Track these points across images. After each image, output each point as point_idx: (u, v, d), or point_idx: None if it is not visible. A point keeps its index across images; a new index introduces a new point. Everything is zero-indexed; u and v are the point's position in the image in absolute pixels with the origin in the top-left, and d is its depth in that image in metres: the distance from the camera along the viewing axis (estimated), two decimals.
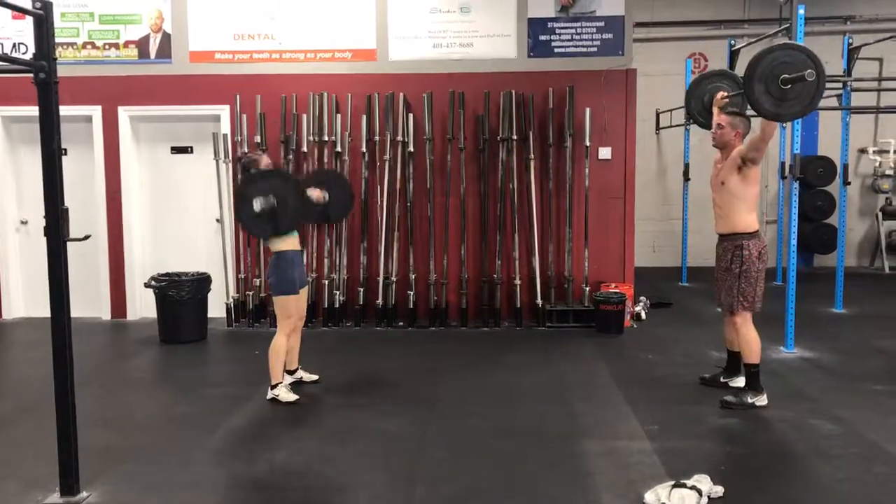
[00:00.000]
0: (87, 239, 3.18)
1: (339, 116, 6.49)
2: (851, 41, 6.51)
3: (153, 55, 6.69)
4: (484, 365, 5.25)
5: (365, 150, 6.48)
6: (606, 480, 3.24)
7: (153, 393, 4.94)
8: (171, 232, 6.98)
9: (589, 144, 6.41)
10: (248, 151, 6.44)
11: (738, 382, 4.44)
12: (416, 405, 4.35)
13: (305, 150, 6.50)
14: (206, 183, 6.71)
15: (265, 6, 6.59)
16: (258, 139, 6.52)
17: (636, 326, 6.44)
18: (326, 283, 6.50)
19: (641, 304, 6.75)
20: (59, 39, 6.35)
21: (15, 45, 6.71)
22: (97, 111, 6.75)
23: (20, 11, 2.86)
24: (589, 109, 6.37)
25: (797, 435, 3.79)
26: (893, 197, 9.92)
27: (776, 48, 3.78)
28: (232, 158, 6.58)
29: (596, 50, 6.51)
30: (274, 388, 4.41)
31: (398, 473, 3.38)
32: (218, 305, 6.55)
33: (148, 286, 6.03)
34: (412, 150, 6.44)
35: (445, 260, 6.52)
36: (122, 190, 6.79)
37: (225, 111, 6.65)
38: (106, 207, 6.80)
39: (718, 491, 3.04)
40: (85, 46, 6.73)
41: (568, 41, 6.53)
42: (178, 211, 6.97)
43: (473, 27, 6.55)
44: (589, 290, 6.45)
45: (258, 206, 4.14)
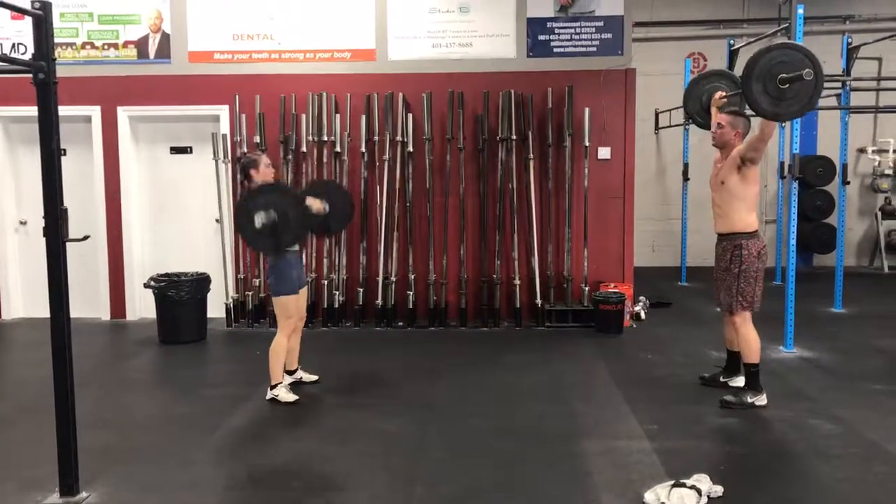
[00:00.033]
0: (86, 239, 3.18)
1: (338, 116, 6.49)
2: (850, 41, 6.52)
3: (152, 55, 6.69)
4: (483, 365, 5.25)
5: (364, 150, 6.48)
6: (606, 480, 3.24)
7: (153, 393, 4.94)
8: (170, 232, 6.98)
9: (588, 144, 6.42)
10: (247, 152, 6.44)
11: (737, 382, 4.44)
12: (415, 405, 4.35)
13: (305, 150, 6.50)
14: (205, 183, 6.71)
15: (264, 6, 6.59)
16: (257, 139, 6.52)
17: (635, 326, 6.44)
18: (326, 283, 6.50)
19: (641, 303, 6.75)
20: (58, 40, 6.34)
21: (14, 45, 6.71)
22: (96, 111, 6.75)
23: (19, 12, 2.85)
24: (588, 109, 6.37)
25: (796, 434, 3.79)
26: (892, 196, 9.92)
27: (774, 48, 3.77)
28: (231, 158, 6.58)
29: (595, 50, 6.52)
30: (273, 388, 4.41)
31: (398, 473, 3.38)
32: (217, 306, 6.55)
33: (147, 286, 6.04)
34: (411, 150, 6.44)
35: (445, 260, 6.53)
36: (121, 190, 6.79)
37: (224, 111, 6.65)
38: (105, 208, 6.80)
39: (718, 490, 3.04)
40: (84, 47, 6.73)
41: (567, 41, 6.53)
42: (177, 211, 6.97)
43: (472, 27, 6.55)
44: (588, 289, 6.46)
45: (259, 221, 4.11)
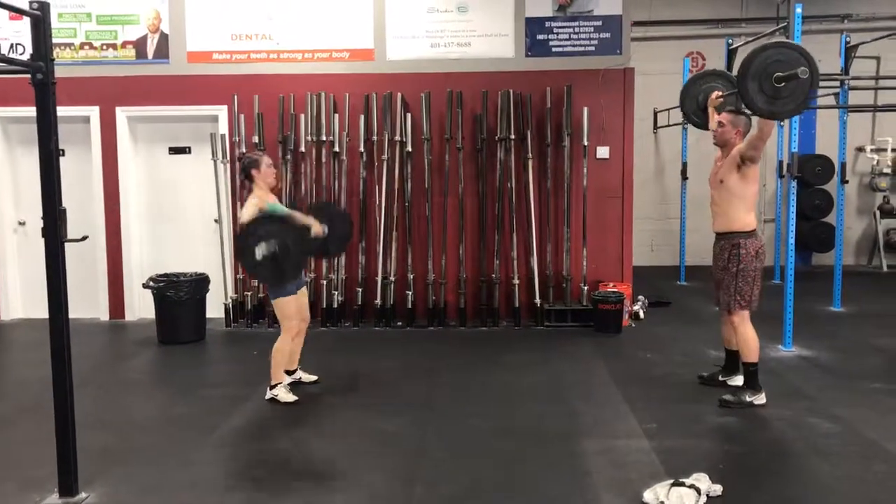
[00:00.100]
0: (85, 240, 3.18)
1: (336, 116, 6.48)
2: (849, 40, 6.52)
3: (151, 56, 6.68)
4: (483, 364, 5.25)
5: (363, 149, 6.48)
6: (605, 479, 3.24)
7: (152, 394, 4.94)
8: (169, 232, 6.98)
9: (587, 144, 6.42)
10: (246, 151, 6.44)
11: (736, 381, 4.45)
12: (415, 405, 4.35)
13: (303, 150, 6.50)
14: (204, 183, 6.71)
15: (263, 6, 6.58)
16: (256, 139, 6.52)
17: (634, 326, 6.44)
18: (325, 283, 6.50)
19: (640, 303, 6.75)
20: (56, 40, 6.32)
21: (12, 45, 6.71)
22: (95, 112, 6.75)
23: (17, 12, 2.85)
24: (587, 109, 6.37)
25: (795, 433, 3.80)
26: (891, 195, 9.93)
27: (769, 46, 3.77)
28: (230, 159, 6.58)
29: (594, 49, 6.52)
30: (273, 388, 4.41)
31: (397, 473, 3.38)
32: (216, 306, 6.55)
33: (146, 287, 6.03)
34: (410, 149, 6.44)
35: (444, 260, 6.53)
36: (119, 190, 6.79)
37: (223, 111, 6.65)
38: (104, 208, 6.80)
39: (717, 490, 3.04)
40: (82, 47, 6.72)
41: (566, 40, 6.53)
42: (176, 211, 6.96)
43: (471, 27, 6.55)
44: (587, 289, 6.46)
45: (260, 253, 4.07)
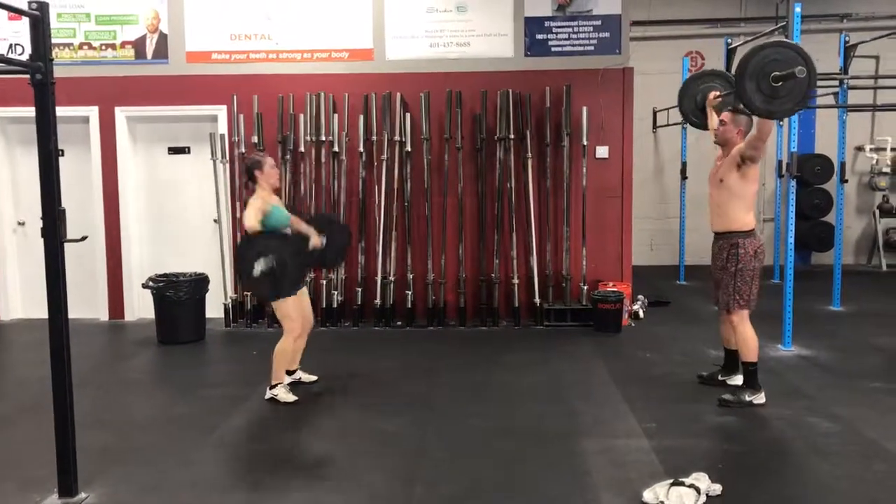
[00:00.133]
0: (84, 240, 3.17)
1: (336, 116, 6.48)
2: (848, 39, 6.52)
3: (150, 56, 6.68)
4: (482, 364, 5.25)
5: (362, 149, 6.48)
6: (605, 479, 3.25)
7: (151, 393, 4.94)
8: (168, 232, 6.98)
9: (586, 143, 6.42)
10: (244, 151, 6.45)
11: (735, 380, 4.45)
12: (414, 405, 4.35)
13: (303, 150, 6.50)
14: (203, 183, 6.71)
15: (262, 6, 6.58)
16: (255, 139, 6.52)
17: (634, 325, 6.45)
18: (324, 283, 6.49)
19: (639, 302, 6.75)
20: (55, 40, 6.34)
21: (11, 45, 6.70)
22: (94, 112, 6.74)
23: (16, 12, 2.85)
24: (586, 108, 6.37)
25: (795, 433, 3.80)
26: (890, 194, 9.94)
27: (766, 46, 3.77)
28: (229, 159, 6.58)
29: (593, 49, 6.52)
30: (273, 387, 4.41)
31: (397, 473, 3.38)
32: (216, 306, 6.55)
33: (146, 287, 6.03)
34: (409, 149, 6.44)
35: (443, 259, 6.53)
36: (119, 191, 6.78)
37: (222, 111, 6.65)
38: (103, 208, 6.79)
39: (716, 489, 3.04)
40: (81, 47, 6.72)
41: (565, 40, 6.53)
42: (175, 211, 6.96)
43: (470, 26, 6.55)
44: (587, 288, 6.46)
45: (258, 269, 4.04)
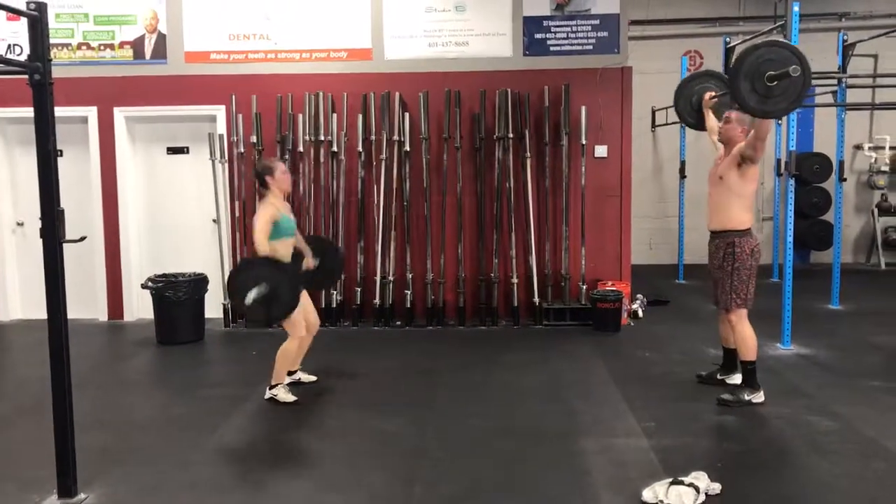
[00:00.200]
0: (83, 240, 3.17)
1: (335, 116, 6.48)
2: (846, 38, 6.51)
3: (148, 56, 6.68)
4: (482, 364, 5.25)
5: (361, 149, 6.48)
6: (604, 478, 3.25)
7: (151, 394, 4.94)
8: (167, 233, 6.97)
9: (585, 142, 6.42)
10: (243, 151, 6.44)
11: (734, 379, 4.45)
12: (414, 405, 4.35)
13: (301, 149, 6.50)
14: (202, 183, 6.70)
15: (260, 6, 6.58)
16: (254, 139, 6.52)
17: (633, 324, 6.45)
18: None
19: (638, 301, 6.76)
20: (53, 40, 6.34)
21: (10, 46, 6.69)
22: (93, 112, 6.74)
23: (14, 13, 2.84)
24: (585, 107, 6.37)
25: (794, 431, 3.80)
26: (889, 193, 9.94)
27: (761, 45, 3.77)
28: (228, 159, 6.58)
29: (591, 48, 6.52)
30: (273, 387, 4.40)
31: (397, 473, 3.38)
32: (215, 306, 6.55)
33: (145, 287, 6.02)
34: (408, 149, 6.44)
35: (442, 259, 6.53)
36: (118, 191, 6.78)
37: (221, 111, 6.64)
38: (102, 208, 6.79)
39: (716, 488, 3.05)
40: (80, 47, 6.71)
41: (563, 39, 6.53)
42: (174, 212, 6.96)
43: (469, 26, 6.54)
44: (586, 288, 6.46)
45: (250, 298, 3.96)
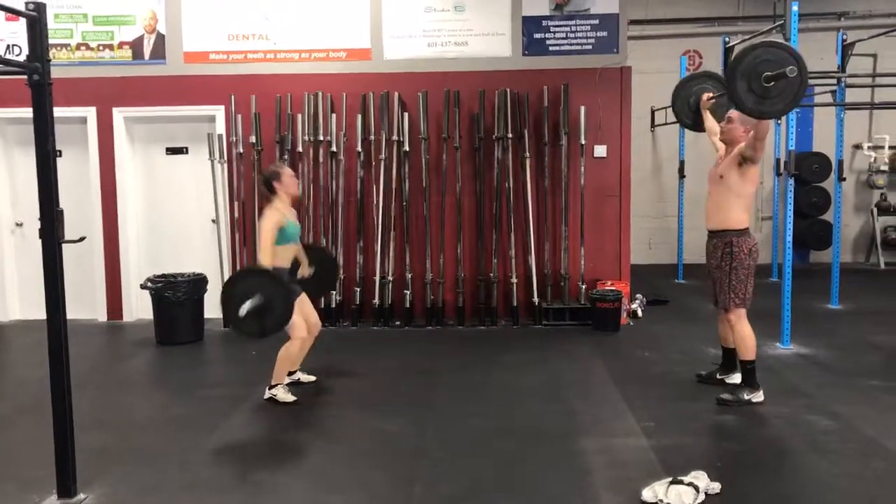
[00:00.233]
0: (82, 241, 3.17)
1: (334, 116, 6.48)
2: (845, 37, 6.52)
3: (147, 56, 6.67)
4: (481, 364, 5.25)
5: (360, 149, 6.47)
6: (604, 478, 3.25)
7: (150, 394, 4.94)
8: (166, 233, 6.97)
9: (584, 142, 6.42)
10: (242, 151, 6.43)
11: (734, 379, 4.45)
12: (414, 405, 4.35)
13: (301, 150, 6.50)
14: (201, 183, 6.70)
15: (259, 6, 6.58)
16: (253, 139, 6.51)
17: (632, 324, 6.45)
18: None
19: (637, 301, 6.76)
20: (52, 41, 6.33)
21: (9, 46, 6.69)
22: (92, 112, 6.73)
23: (13, 13, 2.84)
24: (584, 107, 6.37)
25: (794, 431, 3.80)
26: (888, 192, 9.94)
27: (758, 46, 3.78)
28: (227, 159, 6.58)
29: (591, 48, 6.52)
30: (273, 388, 4.40)
31: (397, 473, 3.38)
32: (214, 306, 6.51)
33: (144, 287, 6.02)
34: (407, 149, 6.44)
35: (442, 259, 6.52)
36: (117, 191, 6.78)
37: (220, 112, 6.64)
38: (101, 209, 6.79)
39: (715, 487, 3.05)
40: (79, 48, 6.71)
41: (562, 39, 6.53)
42: (173, 212, 6.95)
43: (468, 26, 6.55)
44: (585, 287, 6.46)
45: (244, 310, 3.93)
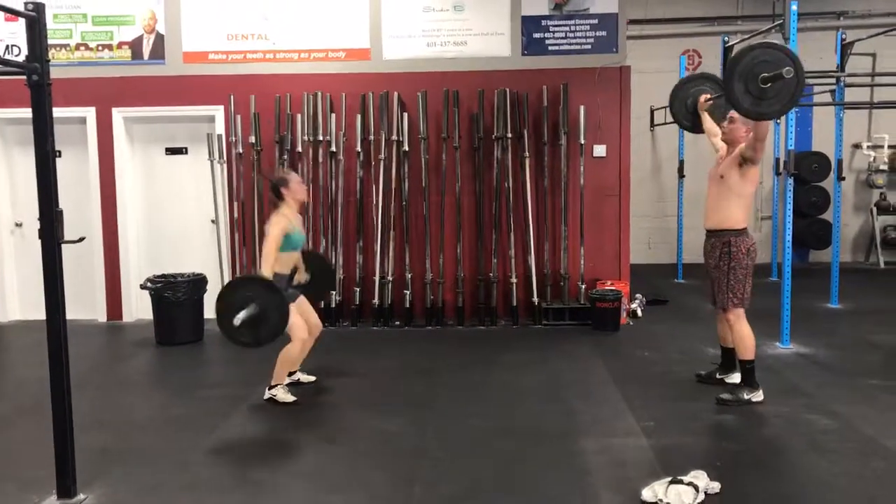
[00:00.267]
0: (81, 241, 3.17)
1: (333, 116, 6.48)
2: (845, 37, 6.52)
3: (147, 56, 6.67)
4: (481, 364, 5.25)
5: (360, 149, 6.47)
6: (604, 478, 3.25)
7: (150, 394, 4.94)
8: (166, 233, 6.97)
9: (584, 142, 6.42)
10: (242, 152, 6.43)
11: (733, 378, 4.45)
12: (413, 405, 4.35)
13: (300, 150, 6.50)
14: (200, 184, 6.71)
15: (258, 6, 6.58)
16: (253, 139, 6.51)
17: (632, 324, 6.45)
18: None
19: (637, 301, 6.76)
20: (51, 41, 6.33)
21: (8, 47, 6.69)
22: (91, 113, 6.73)
23: (12, 13, 2.84)
24: (583, 107, 6.37)
25: (793, 430, 3.80)
26: (888, 192, 9.95)
27: (755, 47, 3.79)
28: (227, 159, 6.58)
29: (590, 47, 6.52)
30: (272, 388, 4.40)
31: (397, 473, 3.38)
32: (214, 306, 6.52)
33: (144, 288, 6.02)
34: (407, 149, 6.44)
35: (441, 259, 6.52)
36: (116, 191, 6.78)
37: (219, 112, 6.64)
38: (101, 209, 6.78)
39: (715, 487, 3.05)
40: (78, 48, 6.71)
41: (562, 39, 6.53)
42: (173, 212, 6.95)
43: (467, 25, 6.55)
44: (585, 287, 6.46)
45: (239, 319, 3.94)
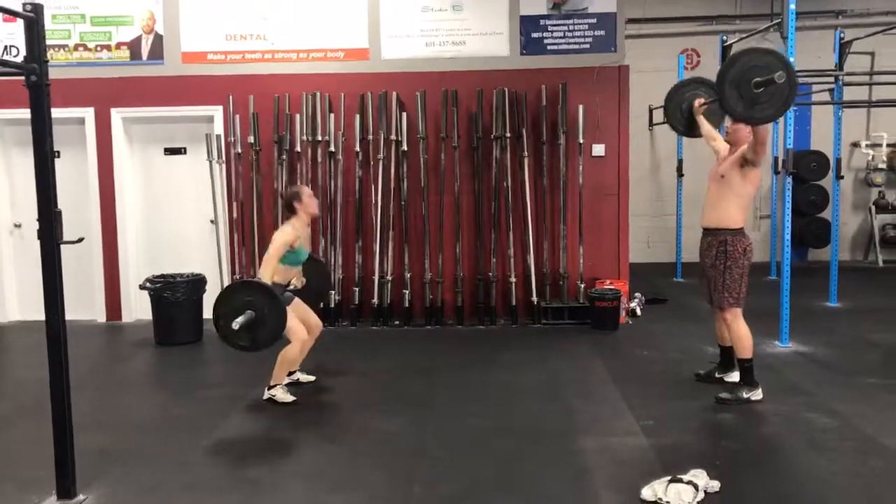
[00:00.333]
0: (80, 241, 3.17)
1: (332, 116, 6.48)
2: (843, 35, 6.53)
3: (145, 56, 6.67)
4: (480, 363, 5.25)
5: (358, 149, 6.47)
6: (603, 477, 3.25)
7: (149, 395, 4.94)
8: (165, 233, 6.97)
9: (582, 141, 6.42)
10: (241, 152, 6.43)
11: (732, 377, 4.46)
12: (413, 404, 4.35)
13: (299, 150, 6.50)
14: (199, 184, 6.70)
15: (257, 7, 6.58)
16: (251, 140, 6.51)
17: (631, 323, 6.46)
18: None
19: (636, 300, 6.77)
20: (50, 41, 6.31)
21: (6, 47, 6.69)
22: (90, 113, 6.73)
23: (10, 14, 2.84)
24: (582, 106, 6.37)
25: (792, 429, 3.81)
26: (886, 190, 9.96)
27: (747, 52, 3.82)
28: (226, 159, 6.58)
29: (588, 47, 6.52)
30: (272, 388, 4.40)
31: (396, 473, 3.38)
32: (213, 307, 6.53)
33: (143, 288, 6.02)
34: (406, 148, 6.44)
35: (440, 258, 6.53)
36: (115, 192, 6.78)
37: (218, 112, 6.64)
38: (100, 209, 6.78)
39: (715, 486, 3.05)
40: (77, 48, 6.70)
41: (560, 38, 6.53)
42: (172, 212, 6.95)
43: (466, 25, 6.55)
44: (584, 286, 6.46)
45: (236, 324, 3.93)
